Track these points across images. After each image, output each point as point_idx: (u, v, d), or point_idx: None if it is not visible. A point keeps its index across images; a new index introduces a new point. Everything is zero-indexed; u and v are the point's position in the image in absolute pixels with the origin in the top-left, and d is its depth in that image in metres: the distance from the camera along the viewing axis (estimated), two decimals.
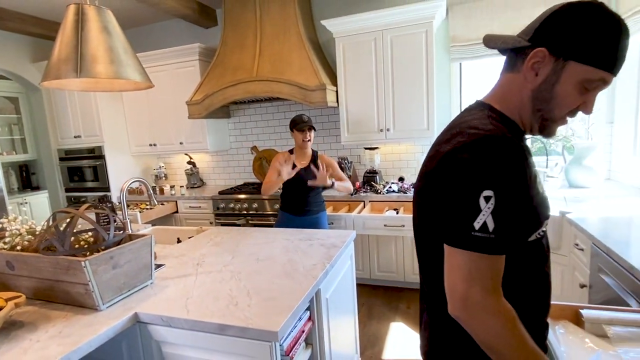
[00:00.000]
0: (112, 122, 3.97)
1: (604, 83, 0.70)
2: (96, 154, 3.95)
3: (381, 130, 3.11)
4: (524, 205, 0.68)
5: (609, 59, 0.67)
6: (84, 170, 4.06)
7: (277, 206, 3.31)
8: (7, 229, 1.39)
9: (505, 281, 0.73)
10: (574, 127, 2.71)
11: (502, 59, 0.81)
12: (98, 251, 1.26)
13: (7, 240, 1.37)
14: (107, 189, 3.95)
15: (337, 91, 3.20)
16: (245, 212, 3.42)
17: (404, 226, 2.68)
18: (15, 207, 4.71)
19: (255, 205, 3.38)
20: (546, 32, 0.70)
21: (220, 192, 3.59)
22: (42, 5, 3.54)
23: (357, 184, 3.28)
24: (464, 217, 0.65)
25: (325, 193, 2.93)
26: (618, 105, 2.74)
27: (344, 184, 2.50)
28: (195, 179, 4.15)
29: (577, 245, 1.87)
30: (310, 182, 2.34)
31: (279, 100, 3.64)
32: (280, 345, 1.14)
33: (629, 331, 1.06)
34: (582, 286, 1.77)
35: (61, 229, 1.34)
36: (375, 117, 3.12)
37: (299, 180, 2.37)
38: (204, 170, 4.28)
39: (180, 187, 4.05)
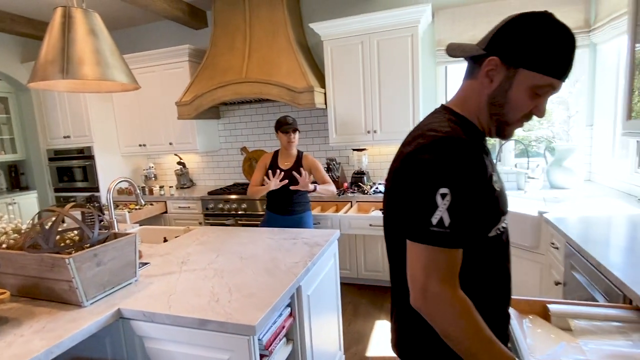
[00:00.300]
0: (101, 122, 3.98)
1: (553, 88, 0.75)
2: (86, 154, 3.95)
3: (368, 132, 3.16)
4: (479, 201, 0.73)
5: (556, 67, 0.72)
6: (73, 171, 4.05)
7: (265, 206, 3.34)
8: None
9: (468, 275, 0.78)
10: (555, 130, 2.79)
11: None
12: (82, 249, 1.29)
13: None
14: (97, 189, 3.96)
15: (325, 93, 3.24)
16: (234, 212, 3.45)
17: None
18: (3, 207, 4.69)
19: (244, 205, 3.41)
20: (499, 41, 0.75)
21: (210, 193, 3.61)
22: (32, 6, 3.54)
23: (345, 184, 3.33)
24: (422, 213, 0.70)
25: (312, 193, 2.98)
26: (597, 108, 2.82)
27: (326, 187, 2.52)
28: (185, 179, 4.16)
29: (553, 244, 1.94)
30: (292, 187, 2.39)
31: (268, 101, 3.68)
32: (259, 339, 1.18)
33: (592, 324, 1.12)
34: (557, 283, 1.84)
35: (47, 227, 1.37)
36: (362, 119, 3.17)
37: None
38: (193, 171, 4.30)
39: (170, 187, 4.06)
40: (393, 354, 1.07)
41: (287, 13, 3.24)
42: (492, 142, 3.09)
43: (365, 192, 3.11)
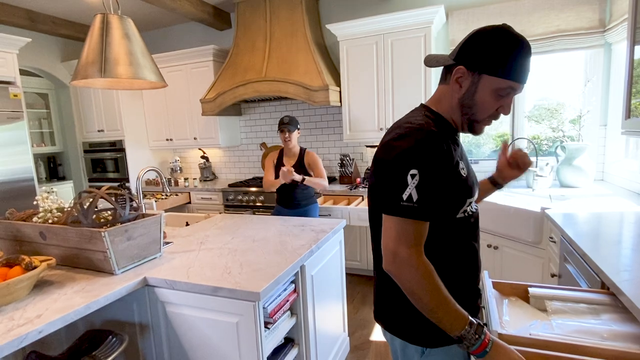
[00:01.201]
0: (132, 117, 4.26)
1: (513, 90, 0.87)
2: (117, 147, 4.25)
3: (381, 129, 3.28)
4: (444, 182, 0.85)
5: (513, 71, 0.84)
6: (106, 162, 4.37)
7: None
8: (41, 205, 1.64)
9: (440, 252, 0.91)
10: (565, 129, 2.81)
11: None
12: (115, 225, 1.49)
13: (40, 215, 1.62)
14: (127, 180, 4.25)
15: (340, 91, 3.38)
16: (252, 204, 3.64)
17: None
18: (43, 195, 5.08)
19: (261, 197, 3.60)
20: (465, 52, 0.87)
21: (230, 185, 3.82)
22: (71, 9, 3.85)
23: (358, 179, 3.46)
24: (394, 190, 0.83)
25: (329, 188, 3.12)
26: (611, 108, 2.83)
27: (316, 181, 2.65)
28: (208, 172, 4.40)
29: (551, 238, 2.00)
30: (276, 180, 2.61)
31: (286, 99, 3.85)
32: (264, 307, 1.34)
33: (566, 305, 1.21)
34: (553, 275, 1.91)
35: (85, 207, 1.58)
36: (375, 116, 3.28)
37: None
38: (216, 165, 4.53)
39: (194, 179, 4.30)
40: None
41: (305, 14, 3.39)
42: (503, 139, 3.14)
43: None
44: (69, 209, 1.63)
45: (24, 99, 3.48)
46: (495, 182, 1.21)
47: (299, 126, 2.73)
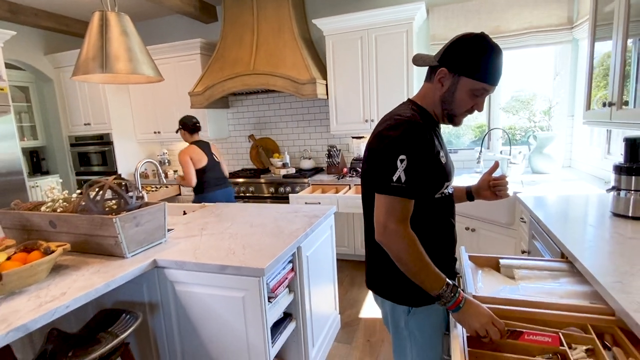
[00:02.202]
0: (119, 110, 4.28)
1: (487, 91, 1.03)
2: (105, 141, 4.27)
3: (366, 121, 3.43)
4: (427, 167, 1.01)
5: (487, 75, 1.00)
6: (93, 156, 4.37)
7: (271, 189, 3.65)
8: (48, 196, 1.72)
9: (421, 225, 1.07)
10: (536, 120, 3.03)
11: None
12: (120, 213, 1.59)
13: (48, 205, 1.70)
14: (115, 173, 4.28)
15: (327, 84, 3.50)
16: (242, 194, 3.75)
17: None
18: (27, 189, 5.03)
19: (252, 188, 3.71)
20: (447, 56, 1.02)
21: None
22: (54, 1, 3.82)
23: (345, 169, 3.61)
24: (386, 173, 0.98)
25: (315, 177, 3.27)
26: (578, 100, 3.06)
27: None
28: None
29: (522, 219, 2.21)
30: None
31: (274, 92, 3.95)
32: (267, 283, 1.48)
33: (531, 273, 1.40)
34: (523, 252, 2.12)
35: (90, 197, 1.67)
36: (361, 108, 3.43)
37: None
38: None
39: None
40: (380, 316, 1.36)
41: (292, 9, 3.49)
42: (480, 131, 3.34)
43: None
44: (75, 199, 1.72)
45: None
46: (470, 194, 1.35)
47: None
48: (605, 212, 1.76)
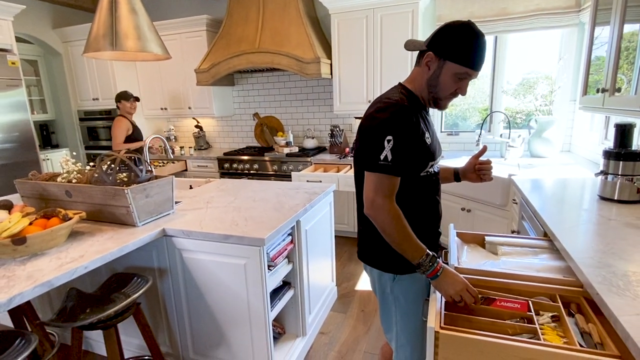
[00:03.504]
0: (126, 86, 4.34)
1: (469, 75, 1.09)
2: (113, 115, 4.34)
3: (369, 101, 3.47)
4: (412, 147, 1.08)
5: (470, 60, 1.06)
6: (101, 130, 4.48)
7: (275, 167, 3.74)
8: (63, 167, 1.83)
9: (408, 202, 1.16)
10: (537, 103, 3.06)
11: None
12: (130, 185, 1.70)
13: (64, 176, 1.81)
14: None
15: (331, 64, 3.53)
16: (247, 171, 3.85)
17: None
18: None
19: (256, 165, 3.81)
20: (434, 41, 1.08)
21: (225, 154, 4.01)
22: None
23: (347, 149, 3.68)
24: (374, 152, 1.06)
25: (317, 156, 3.35)
26: (579, 85, 3.07)
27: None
28: (202, 141, 4.56)
29: (514, 200, 2.29)
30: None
31: (278, 70, 3.98)
32: (267, 253, 1.60)
33: (514, 249, 1.49)
34: (513, 232, 2.21)
35: (103, 169, 1.77)
36: (364, 89, 3.47)
37: None
38: (210, 134, 4.68)
39: (190, 148, 4.47)
40: None
41: None
42: (483, 116, 3.37)
43: None
44: (89, 171, 1.83)
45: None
46: (457, 175, 1.43)
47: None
48: (594, 195, 1.83)
